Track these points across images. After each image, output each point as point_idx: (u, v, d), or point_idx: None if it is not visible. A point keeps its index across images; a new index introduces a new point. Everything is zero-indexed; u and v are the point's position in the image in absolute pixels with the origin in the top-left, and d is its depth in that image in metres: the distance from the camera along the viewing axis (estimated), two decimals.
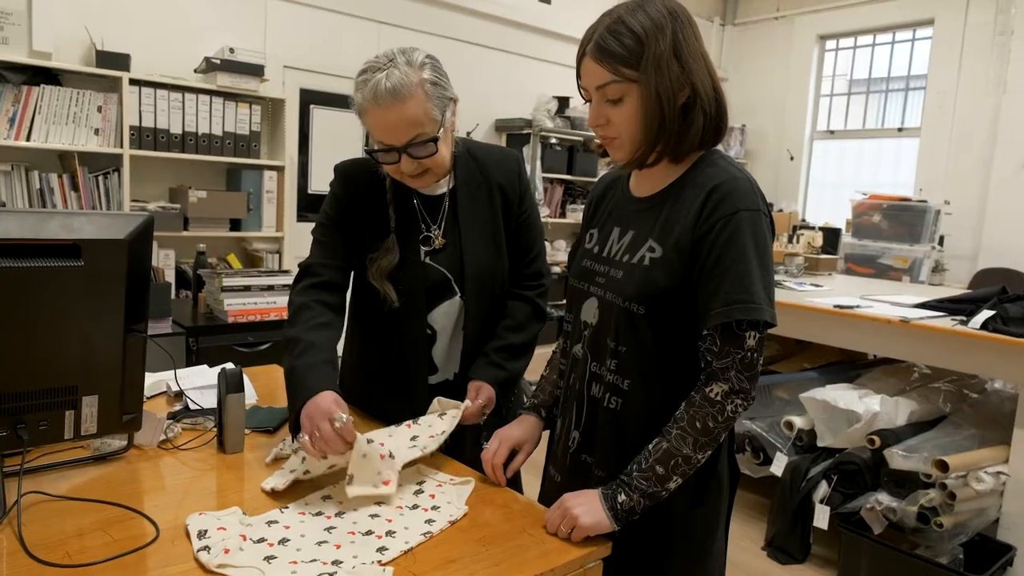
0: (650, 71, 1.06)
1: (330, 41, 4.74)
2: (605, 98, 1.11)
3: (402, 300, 1.44)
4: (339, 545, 1.03)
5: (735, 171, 1.12)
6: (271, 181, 4.29)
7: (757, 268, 1.06)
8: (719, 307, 1.06)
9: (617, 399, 1.18)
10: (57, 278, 1.08)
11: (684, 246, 1.10)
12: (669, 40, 1.07)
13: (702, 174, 1.13)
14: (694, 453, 1.09)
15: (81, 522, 1.05)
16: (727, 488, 1.23)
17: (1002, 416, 2.60)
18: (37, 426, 1.13)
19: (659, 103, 1.08)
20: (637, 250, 1.16)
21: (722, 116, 1.13)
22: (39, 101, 3.48)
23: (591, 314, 1.22)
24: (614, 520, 1.10)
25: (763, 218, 1.09)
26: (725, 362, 1.08)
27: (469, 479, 1.27)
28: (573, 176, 5.95)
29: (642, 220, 1.18)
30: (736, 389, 1.08)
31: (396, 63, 1.30)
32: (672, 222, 1.13)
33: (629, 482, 1.11)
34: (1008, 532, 2.40)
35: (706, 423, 1.08)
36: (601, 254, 1.24)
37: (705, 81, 1.10)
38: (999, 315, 2.39)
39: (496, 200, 1.51)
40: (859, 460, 2.56)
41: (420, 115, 1.31)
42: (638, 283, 1.13)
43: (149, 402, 1.57)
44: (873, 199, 5.04)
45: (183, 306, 3.14)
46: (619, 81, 1.09)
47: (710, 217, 1.08)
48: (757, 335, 1.08)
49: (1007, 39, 5.35)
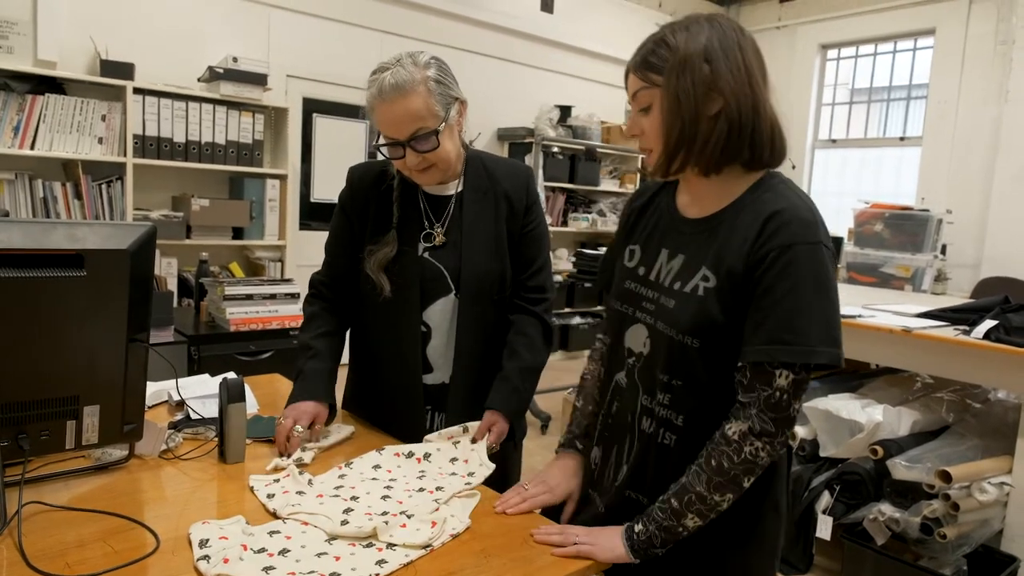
0: (673, 73, 1.04)
1: (333, 50, 4.76)
2: (638, 107, 1.10)
3: (397, 293, 1.48)
4: (339, 557, 1.02)
5: (795, 198, 1.06)
6: (274, 189, 4.30)
7: (815, 305, 0.99)
8: (760, 344, 1.01)
9: (671, 435, 1.12)
10: (60, 288, 1.09)
11: (737, 276, 1.04)
12: (701, 45, 1.04)
13: (760, 199, 1.07)
14: (708, 493, 1.04)
15: (82, 532, 1.05)
16: (784, 516, 1.16)
17: (1005, 426, 2.59)
18: (38, 436, 1.13)
19: (678, 106, 1.04)
20: (690, 278, 1.10)
21: (759, 132, 1.06)
22: (43, 110, 3.50)
23: (640, 343, 1.15)
24: (631, 551, 1.07)
25: (824, 251, 1.02)
26: (750, 397, 1.03)
27: (475, 492, 1.26)
28: (575, 185, 5.97)
29: (695, 245, 1.12)
30: (757, 431, 1.01)
31: (402, 63, 1.38)
32: (726, 250, 1.07)
33: (649, 512, 1.08)
34: (1012, 543, 2.39)
35: (720, 462, 1.03)
36: (648, 277, 1.17)
37: (742, 91, 1.04)
38: (1002, 325, 2.38)
39: (502, 207, 1.53)
40: (862, 470, 2.55)
41: (422, 109, 1.37)
42: (692, 315, 1.07)
43: (150, 411, 1.57)
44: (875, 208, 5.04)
45: (185, 315, 3.14)
46: (647, 87, 1.08)
47: (764, 246, 1.02)
48: (791, 376, 1.00)
49: (1008, 48, 5.36)
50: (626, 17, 6.55)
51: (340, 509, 1.16)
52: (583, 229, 6.00)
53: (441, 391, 1.52)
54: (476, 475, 1.33)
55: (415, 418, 1.51)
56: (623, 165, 6.49)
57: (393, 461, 1.36)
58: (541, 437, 4.04)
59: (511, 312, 1.56)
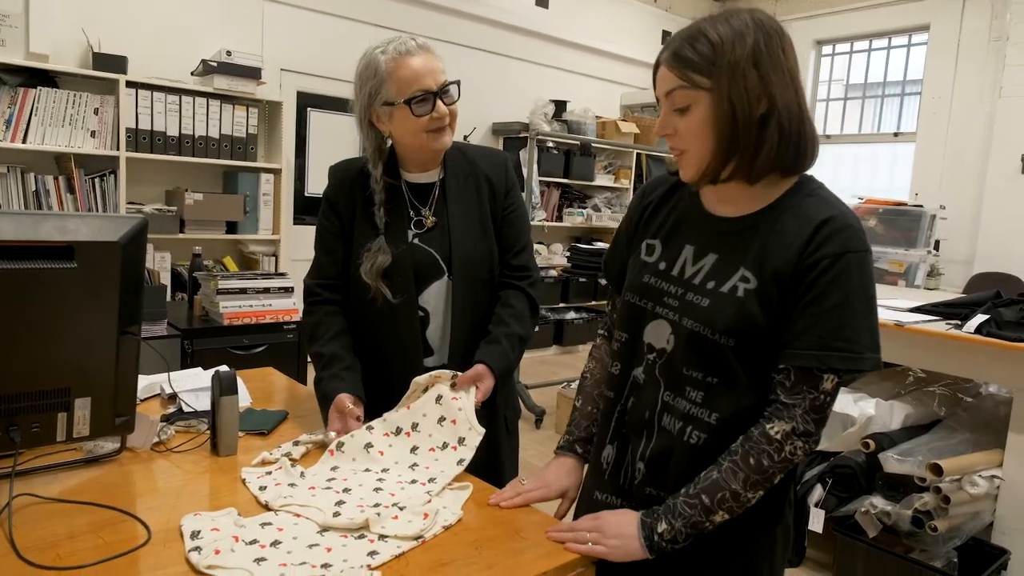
0: (723, 78, 1.01)
1: (327, 44, 4.75)
2: (673, 106, 1.06)
3: (392, 281, 1.49)
4: (330, 548, 1.03)
5: (842, 206, 1.06)
6: (268, 184, 4.29)
7: (862, 313, 1.01)
8: (811, 349, 1.01)
9: (700, 434, 1.09)
10: (51, 280, 1.08)
11: (785, 279, 1.03)
12: (749, 48, 1.01)
13: (803, 203, 1.07)
14: (744, 491, 1.03)
15: (72, 524, 1.05)
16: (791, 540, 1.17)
17: (996, 420, 2.60)
18: (29, 428, 1.13)
19: (732, 112, 1.01)
20: (727, 278, 1.08)
21: (804, 138, 1.05)
22: (36, 103, 3.48)
23: (662, 339, 1.13)
24: (648, 550, 1.05)
25: (870, 259, 1.04)
26: (795, 399, 1.02)
27: (467, 484, 1.27)
28: (570, 180, 5.97)
29: (730, 245, 1.09)
30: (800, 431, 1.02)
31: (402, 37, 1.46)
32: (770, 252, 1.05)
33: (673, 508, 1.06)
34: (1002, 536, 2.41)
35: (760, 461, 1.02)
36: (671, 272, 1.14)
37: (788, 96, 1.03)
38: (993, 319, 2.39)
39: (483, 189, 1.57)
40: (854, 464, 2.57)
41: (442, 66, 1.47)
42: (732, 315, 1.05)
43: (143, 404, 1.57)
44: (869, 203, 5.05)
45: (179, 308, 3.13)
46: (687, 87, 1.04)
47: (816, 252, 1.02)
48: (836, 379, 1.02)
49: (1002, 45, 5.37)
50: (621, 12, 6.54)
51: (332, 501, 1.16)
52: (578, 224, 6.00)
53: None
54: (468, 443, 1.32)
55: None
56: (618, 160, 6.49)
57: (384, 441, 1.34)
58: (535, 432, 4.04)
59: (499, 290, 1.58)
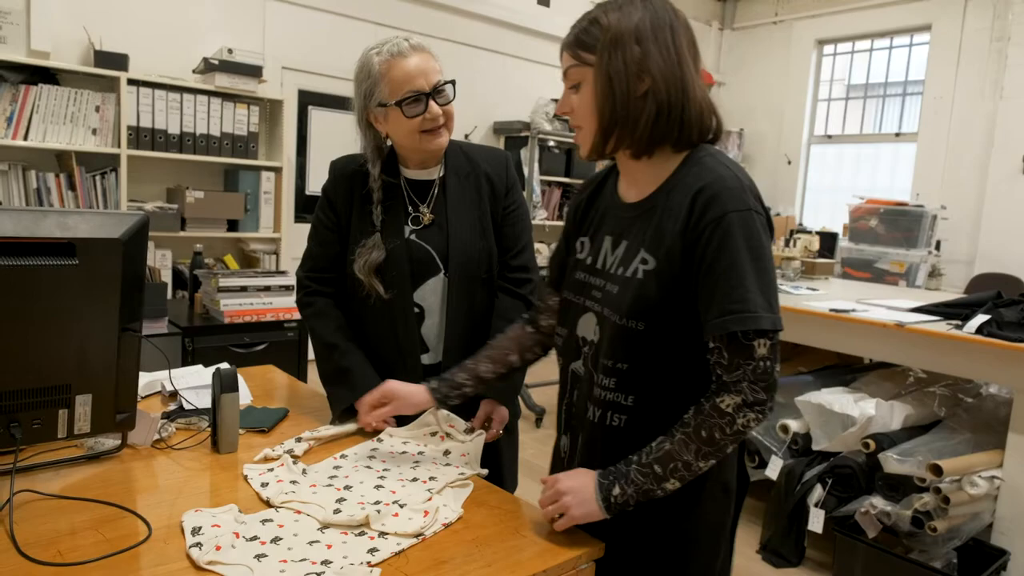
0: (605, 53, 1.07)
1: (329, 42, 4.74)
2: (569, 85, 1.13)
3: (387, 278, 1.50)
4: (330, 545, 1.03)
5: (722, 169, 1.06)
6: (268, 182, 4.29)
7: (752, 273, 1.00)
8: (714, 318, 1.02)
9: (620, 416, 1.13)
10: (52, 276, 1.08)
11: (676, 255, 1.06)
12: (633, 25, 1.06)
13: (689, 175, 1.08)
14: (695, 460, 1.05)
15: (73, 521, 1.05)
16: (734, 495, 1.19)
17: (996, 421, 2.60)
18: (30, 425, 1.13)
19: (610, 86, 1.06)
20: (630, 262, 1.11)
21: (687, 113, 1.07)
22: (37, 100, 3.48)
23: (590, 330, 1.17)
24: (606, 510, 1.08)
25: (755, 217, 1.03)
26: (736, 375, 1.03)
27: (468, 482, 1.27)
28: (571, 179, 5.96)
29: (634, 229, 1.13)
30: (750, 401, 1.03)
31: (399, 38, 1.47)
32: (663, 230, 1.08)
33: (626, 474, 1.08)
34: (1002, 537, 2.41)
35: (712, 434, 1.04)
36: (595, 266, 1.19)
37: (669, 72, 1.06)
38: (994, 320, 2.39)
39: (484, 188, 1.57)
40: (854, 464, 2.57)
41: (438, 66, 1.48)
42: (632, 298, 1.08)
43: (144, 401, 1.57)
44: (870, 203, 5.05)
45: (179, 306, 3.13)
46: (578, 65, 1.10)
47: (699, 222, 1.03)
48: (767, 342, 1.02)
49: (1004, 45, 5.37)
50: None
51: (333, 498, 1.16)
52: None
53: (439, 371, 1.53)
54: (470, 467, 1.34)
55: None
56: None
57: (389, 454, 1.37)
58: (535, 431, 4.05)
59: (498, 293, 1.58)
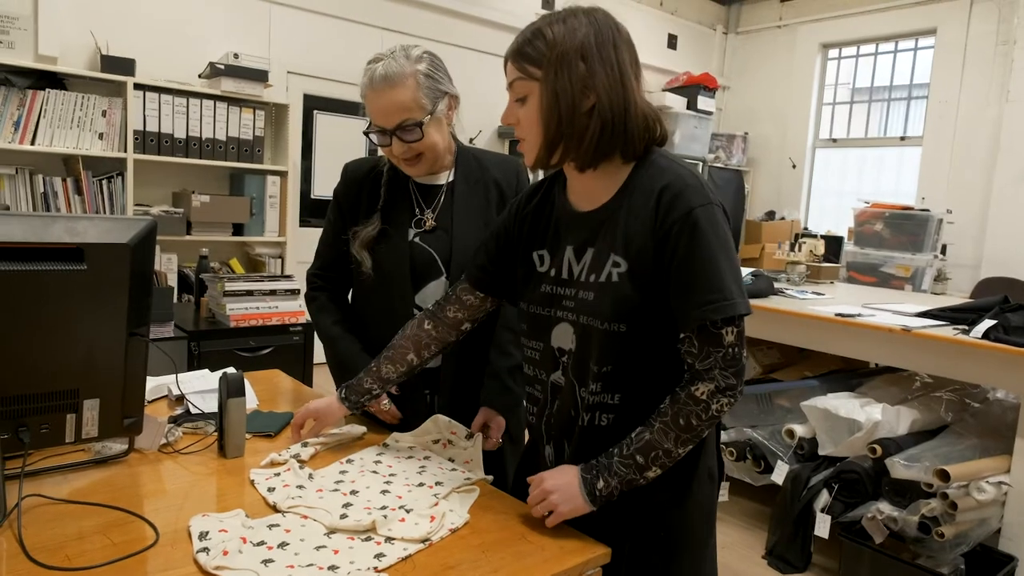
0: (551, 70, 1.08)
1: (334, 47, 4.76)
2: (515, 97, 1.15)
3: (388, 278, 1.51)
4: (337, 550, 1.03)
5: (678, 167, 1.12)
6: (274, 186, 4.30)
7: (723, 262, 1.06)
8: (693, 309, 1.06)
9: (607, 415, 1.17)
10: (60, 281, 1.09)
11: (647, 254, 1.10)
12: (578, 43, 1.08)
13: (646, 176, 1.13)
14: (675, 447, 1.09)
15: (81, 525, 1.06)
16: (717, 481, 1.25)
17: (1004, 426, 2.59)
18: (38, 429, 1.13)
19: (556, 102, 1.09)
20: (602, 268, 1.14)
21: (629, 128, 1.10)
22: (44, 105, 3.50)
23: (568, 340, 1.19)
24: (591, 503, 1.12)
25: (717, 209, 1.08)
26: (707, 363, 1.08)
27: (474, 487, 1.27)
28: None
29: (599, 235, 1.16)
30: (722, 387, 1.07)
31: (395, 55, 1.43)
32: (630, 232, 1.11)
33: (609, 467, 1.12)
34: (1010, 542, 2.39)
35: (689, 420, 1.08)
36: (561, 276, 1.20)
37: (613, 89, 1.09)
38: (1001, 324, 2.38)
39: (492, 195, 1.57)
40: (860, 469, 2.56)
41: (409, 101, 1.42)
42: (612, 301, 1.11)
43: (150, 406, 1.57)
44: (875, 208, 5.05)
45: (185, 310, 3.14)
46: (523, 78, 1.12)
47: (666, 220, 1.08)
48: (735, 329, 1.07)
49: (1009, 48, 5.36)
50: (627, 15, 6.51)
51: (339, 503, 1.16)
52: None
53: (437, 374, 1.55)
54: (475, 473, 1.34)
55: (415, 402, 1.55)
56: None
57: (394, 458, 1.37)
58: None
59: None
